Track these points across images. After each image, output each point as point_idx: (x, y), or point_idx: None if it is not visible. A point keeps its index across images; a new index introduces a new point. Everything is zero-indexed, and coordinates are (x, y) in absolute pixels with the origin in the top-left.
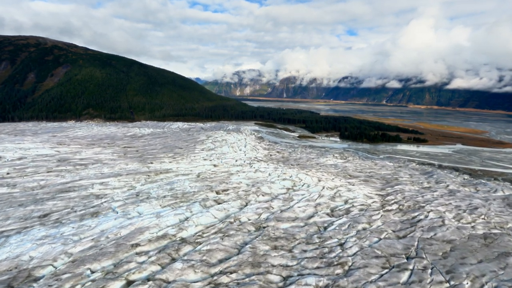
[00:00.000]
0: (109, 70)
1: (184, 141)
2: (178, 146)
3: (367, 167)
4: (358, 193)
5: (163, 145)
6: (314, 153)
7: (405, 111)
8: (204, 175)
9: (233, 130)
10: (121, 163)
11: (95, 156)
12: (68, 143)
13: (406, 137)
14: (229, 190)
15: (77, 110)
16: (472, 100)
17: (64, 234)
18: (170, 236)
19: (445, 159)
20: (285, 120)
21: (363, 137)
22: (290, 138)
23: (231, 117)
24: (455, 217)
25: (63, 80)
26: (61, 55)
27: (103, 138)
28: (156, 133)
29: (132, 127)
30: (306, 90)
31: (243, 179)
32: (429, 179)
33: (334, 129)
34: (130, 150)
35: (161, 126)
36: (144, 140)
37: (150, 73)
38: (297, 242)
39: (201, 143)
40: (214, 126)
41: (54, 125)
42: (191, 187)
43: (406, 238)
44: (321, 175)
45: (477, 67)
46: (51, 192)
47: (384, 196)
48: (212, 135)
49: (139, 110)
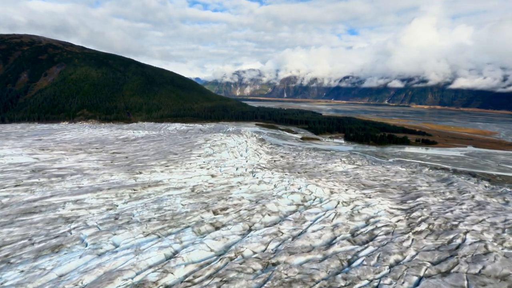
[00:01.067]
0: (106, 69)
1: (180, 145)
2: (172, 152)
3: (379, 174)
4: (379, 209)
5: (157, 150)
6: (320, 157)
7: (408, 111)
8: (200, 188)
9: (233, 132)
10: (105, 174)
11: (77, 165)
12: (52, 148)
13: (414, 139)
14: (229, 208)
15: (71, 111)
16: (476, 100)
17: (5, 285)
18: (149, 284)
19: (458, 163)
20: (287, 121)
21: (369, 139)
22: (293, 140)
23: (231, 118)
24: (495, 239)
25: (57, 79)
26: (55, 54)
27: (92, 142)
28: (150, 136)
29: (127, 129)
30: (307, 90)
31: (245, 193)
32: (450, 188)
33: (338, 130)
34: (119, 156)
35: (157, 128)
36: (137, 144)
37: (148, 73)
38: (317, 286)
39: (198, 148)
40: (214, 128)
41: (44, 127)
42: (183, 206)
43: (451, 276)
44: (333, 185)
45: (481, 67)
46: (11, 215)
47: (408, 212)
48: (211, 138)
49: (136, 110)
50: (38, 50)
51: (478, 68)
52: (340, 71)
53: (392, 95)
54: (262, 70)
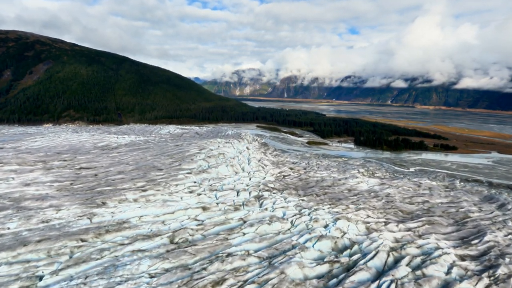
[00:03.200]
0: (97, 67)
1: (168, 156)
2: (157, 166)
3: (413, 193)
4: (446, 262)
5: (137, 165)
6: (334, 168)
7: (414, 112)
8: (184, 235)
9: (232, 135)
10: (51, 208)
11: (20, 190)
12: (7, 160)
13: (431, 143)
14: (228, 280)
15: (56, 111)
16: (482, 101)
17: None
18: None
19: (489, 173)
20: (290, 122)
21: (382, 144)
22: (299, 144)
23: (230, 119)
24: None
25: (43, 78)
26: (43, 51)
27: (62, 152)
28: (136, 143)
29: (114, 132)
30: (308, 89)
31: (251, 243)
32: (507, 212)
33: (347, 133)
34: (86, 174)
35: (148, 131)
36: (116, 154)
37: (143, 71)
38: None
39: (189, 161)
40: (211, 131)
41: (17, 131)
42: (151, 281)
43: None
44: (366, 215)
45: (487, 66)
46: None
47: (483, 263)
48: (206, 147)
49: (128, 111)
50: (25, 46)
51: (484, 67)
52: (342, 70)
53: (396, 95)
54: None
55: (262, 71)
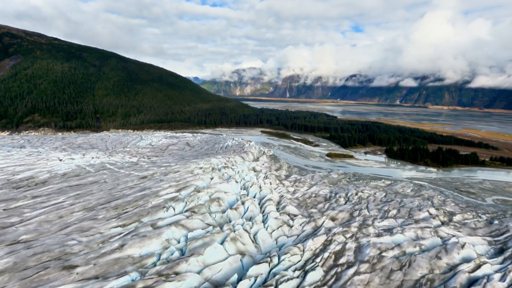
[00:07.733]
0: (76, 63)
1: (115, 209)
2: (70, 252)
3: None
4: None
5: (28, 249)
6: (392, 208)
7: (429, 113)
8: None
9: (233, 148)
10: None
11: None
12: None
13: (484, 156)
14: None
15: (16, 116)
16: (500, 100)
17: None
18: None
19: None
20: (300, 127)
21: (425, 157)
22: (317, 157)
23: (230, 123)
24: None
25: (7, 75)
26: (12, 44)
27: None
28: (82, 171)
29: (78, 145)
30: (311, 89)
31: None
32: None
33: (372, 141)
34: None
35: (124, 142)
36: (27, 202)
37: (131, 68)
38: None
39: (148, 229)
40: (206, 141)
41: None
42: None
43: None
44: None
45: (502, 64)
46: None
47: None
48: (191, 183)
49: (109, 115)
50: None
51: (500, 65)
52: (346, 69)
53: (405, 94)
54: (263, 69)
55: (263, 70)
